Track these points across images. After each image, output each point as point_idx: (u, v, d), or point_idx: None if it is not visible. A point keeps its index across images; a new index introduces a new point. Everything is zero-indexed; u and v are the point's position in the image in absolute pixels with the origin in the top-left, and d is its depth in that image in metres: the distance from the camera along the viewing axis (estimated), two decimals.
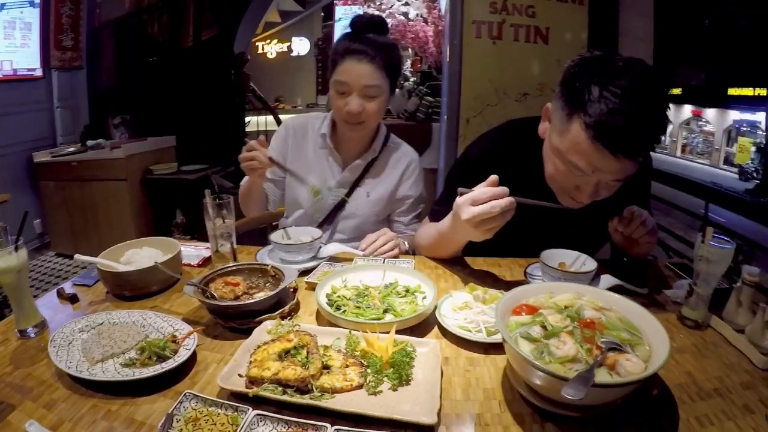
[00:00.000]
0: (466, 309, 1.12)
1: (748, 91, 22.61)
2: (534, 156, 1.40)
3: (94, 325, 1.09)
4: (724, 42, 22.68)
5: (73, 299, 1.30)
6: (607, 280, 1.33)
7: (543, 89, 2.72)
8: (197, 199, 1.43)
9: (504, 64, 2.72)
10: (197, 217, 1.43)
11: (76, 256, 1.39)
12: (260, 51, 12.67)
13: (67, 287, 1.37)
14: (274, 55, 12.75)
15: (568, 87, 1.19)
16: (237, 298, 1.17)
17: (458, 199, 1.21)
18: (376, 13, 4.05)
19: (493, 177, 1.18)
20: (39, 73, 5.04)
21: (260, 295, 1.16)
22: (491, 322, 1.05)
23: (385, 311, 1.12)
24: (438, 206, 1.63)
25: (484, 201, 1.15)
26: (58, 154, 4.72)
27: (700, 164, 23.81)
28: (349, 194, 1.83)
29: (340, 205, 1.83)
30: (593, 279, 1.32)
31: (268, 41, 12.80)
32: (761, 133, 21.89)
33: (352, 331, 1.01)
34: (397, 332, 1.01)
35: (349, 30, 1.68)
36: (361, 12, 4.26)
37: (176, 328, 1.07)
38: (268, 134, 5.80)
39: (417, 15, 4.07)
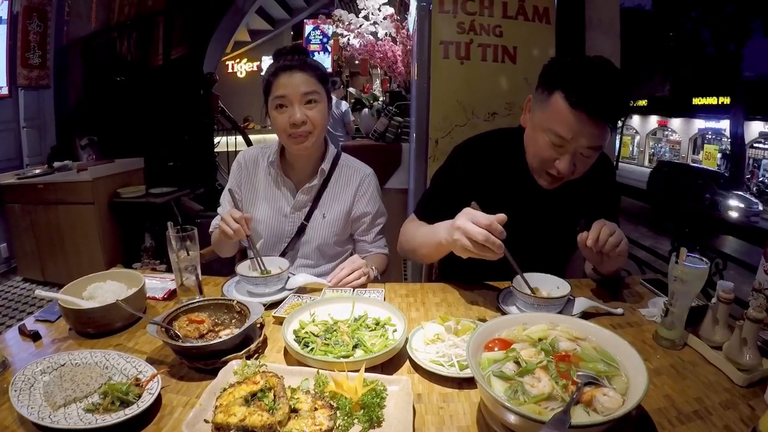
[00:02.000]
0: (438, 342, 1.10)
1: (711, 100, 23.42)
2: (516, 156, 1.58)
3: (56, 367, 1.03)
4: (687, 53, 23.56)
5: (35, 336, 1.24)
6: (582, 302, 1.33)
7: (511, 108, 2.72)
8: (166, 223, 1.38)
9: (472, 84, 2.72)
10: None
11: (37, 291, 1.33)
12: (230, 70, 12.66)
13: (29, 323, 1.31)
14: (243, 74, 12.76)
15: (547, 73, 1.42)
16: (202, 336, 1.13)
17: (466, 209, 1.29)
18: (345, 32, 4.04)
19: (502, 216, 1.24)
20: (5, 91, 4.94)
21: (225, 333, 1.12)
22: (464, 356, 1.02)
23: (355, 347, 1.09)
24: (424, 201, 1.73)
25: (481, 225, 1.22)
26: (24, 176, 4.59)
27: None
28: (307, 218, 1.81)
29: (300, 230, 1.82)
30: (567, 302, 1.31)
31: (237, 60, 12.80)
32: (726, 139, 22.62)
33: (320, 371, 0.97)
34: (368, 370, 0.98)
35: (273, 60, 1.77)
36: (330, 31, 4.28)
37: (140, 370, 1.02)
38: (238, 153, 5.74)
39: (386, 34, 4.07)
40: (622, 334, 1.21)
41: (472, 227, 1.22)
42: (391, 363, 1.08)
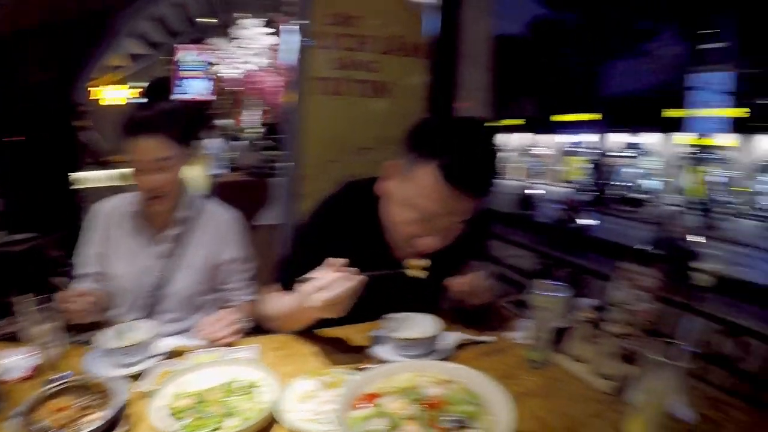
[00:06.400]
0: (311, 399, 1.10)
1: (578, 117, 26.15)
2: (372, 214, 1.49)
3: None
4: (557, 75, 26.49)
5: None
6: (454, 336, 1.39)
7: (386, 143, 2.69)
8: (28, 275, 1.24)
9: (347, 120, 2.75)
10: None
11: None
12: (105, 97, 11.80)
13: None
14: (123, 101, 11.94)
15: (414, 140, 1.35)
16: (71, 423, 1.02)
17: (303, 288, 1.23)
18: (214, 61, 3.93)
19: (337, 260, 1.22)
20: None
21: (87, 422, 1.02)
22: None
23: (228, 415, 1.05)
24: (282, 271, 1.59)
25: (333, 287, 1.18)
26: None
27: (541, 184, 26.10)
28: (170, 268, 1.73)
29: (164, 282, 1.73)
30: (440, 339, 1.35)
31: (116, 86, 11.97)
32: (590, 150, 25.42)
33: None
34: None
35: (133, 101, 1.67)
36: (198, 57, 4.16)
37: None
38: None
39: (268, 64, 4.02)
40: (494, 362, 1.31)
41: (329, 296, 1.18)
42: (265, 430, 1.04)
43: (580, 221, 12.50)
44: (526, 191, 16.80)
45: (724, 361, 2.93)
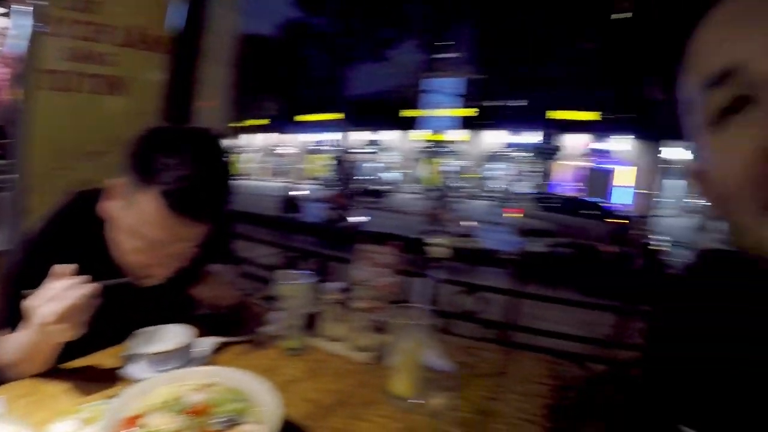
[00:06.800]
0: None
1: (322, 117, 28.07)
2: (102, 234, 1.30)
3: None
4: (300, 77, 28.02)
5: None
6: (210, 341, 1.36)
7: (121, 146, 2.44)
8: None
9: (80, 120, 2.44)
10: None
11: None
12: None
13: None
14: None
15: (136, 159, 1.16)
16: None
17: (28, 302, 1.06)
18: None
19: (64, 267, 1.07)
20: None
21: None
22: None
23: None
24: (8, 303, 1.29)
25: (63, 297, 1.04)
26: None
27: (286, 183, 26.82)
28: None
29: None
30: (193, 348, 1.30)
31: None
32: (333, 148, 27.65)
33: None
34: None
35: None
36: None
37: None
38: None
39: None
40: (254, 358, 1.33)
41: (60, 307, 1.03)
42: None
43: (352, 219, 13.09)
44: (290, 193, 16.61)
45: (469, 315, 3.52)
